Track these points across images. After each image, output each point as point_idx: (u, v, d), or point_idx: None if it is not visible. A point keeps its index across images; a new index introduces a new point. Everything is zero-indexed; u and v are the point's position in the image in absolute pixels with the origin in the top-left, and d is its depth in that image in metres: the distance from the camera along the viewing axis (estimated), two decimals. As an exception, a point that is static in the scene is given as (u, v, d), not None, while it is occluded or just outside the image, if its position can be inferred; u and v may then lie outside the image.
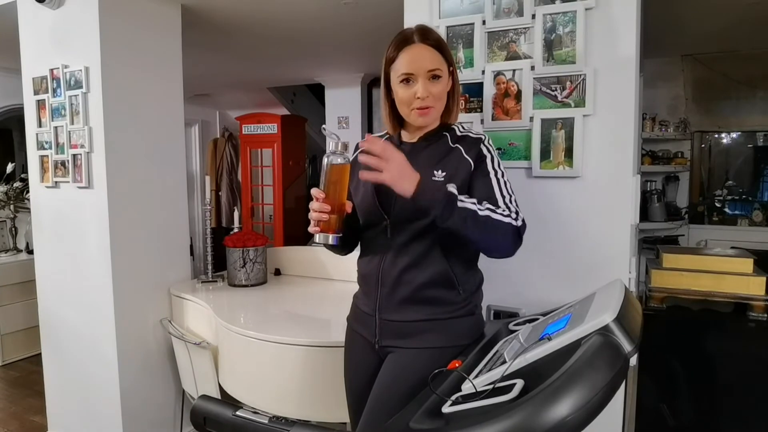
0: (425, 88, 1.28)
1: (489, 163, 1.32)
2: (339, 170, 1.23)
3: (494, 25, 1.72)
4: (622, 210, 1.61)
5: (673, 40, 3.58)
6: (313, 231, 1.25)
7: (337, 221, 1.25)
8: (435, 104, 1.31)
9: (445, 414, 0.98)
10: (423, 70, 1.28)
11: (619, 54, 1.58)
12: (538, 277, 1.72)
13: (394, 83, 1.33)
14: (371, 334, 1.39)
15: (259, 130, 5.62)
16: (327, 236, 1.24)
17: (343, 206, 1.25)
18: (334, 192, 1.23)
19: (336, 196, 1.23)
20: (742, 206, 4.05)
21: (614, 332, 0.93)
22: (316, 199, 1.24)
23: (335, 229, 1.25)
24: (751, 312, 1.96)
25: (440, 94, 1.32)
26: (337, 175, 1.23)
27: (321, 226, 1.24)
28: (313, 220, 1.25)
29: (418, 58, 1.29)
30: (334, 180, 1.23)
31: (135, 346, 2.49)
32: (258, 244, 2.72)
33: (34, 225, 2.72)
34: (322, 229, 1.24)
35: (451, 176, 1.30)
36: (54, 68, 2.47)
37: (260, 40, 3.52)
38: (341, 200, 1.25)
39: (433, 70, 1.29)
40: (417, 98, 1.29)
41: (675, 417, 2.03)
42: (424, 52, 1.29)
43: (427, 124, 1.36)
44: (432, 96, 1.30)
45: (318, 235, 1.25)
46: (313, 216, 1.24)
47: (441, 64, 1.30)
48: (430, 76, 1.29)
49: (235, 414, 0.98)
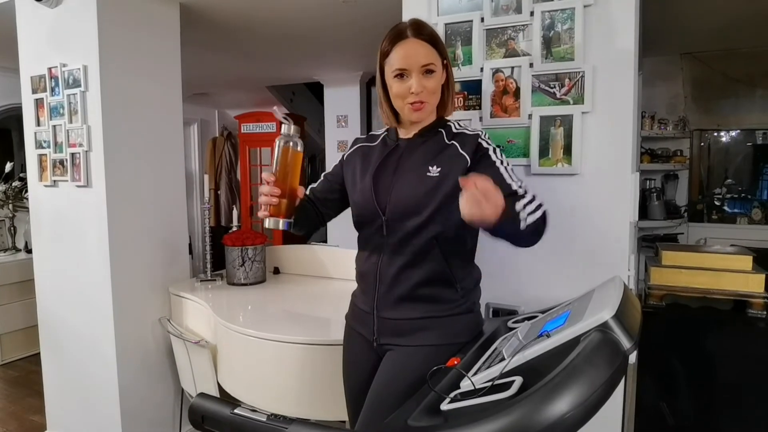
0: (419, 83, 1.29)
1: (492, 154, 1.31)
2: (293, 156, 1.22)
3: (493, 22, 1.72)
4: (621, 207, 1.60)
5: (671, 38, 3.58)
6: (262, 215, 1.24)
7: (288, 206, 1.23)
8: (429, 99, 1.32)
9: (444, 411, 0.98)
10: (417, 65, 1.28)
11: (618, 51, 1.57)
12: (537, 274, 1.72)
13: (388, 77, 1.33)
14: (369, 332, 1.39)
15: (258, 129, 5.61)
16: (277, 221, 1.22)
17: (295, 191, 1.24)
18: (285, 176, 1.22)
19: (288, 180, 1.22)
20: (742, 204, 4.05)
21: (613, 329, 0.93)
22: (266, 183, 1.23)
23: (285, 214, 1.23)
24: (751, 309, 1.96)
25: (434, 88, 1.32)
26: (291, 159, 1.22)
27: (271, 211, 1.23)
28: (262, 204, 1.24)
29: (411, 53, 1.29)
30: (287, 164, 1.22)
31: (134, 345, 2.49)
32: (257, 242, 2.72)
33: (32, 224, 2.72)
34: (272, 214, 1.23)
35: (445, 172, 1.29)
36: (52, 67, 2.46)
37: (259, 39, 3.51)
38: (293, 185, 1.23)
39: (426, 65, 1.29)
40: (411, 93, 1.29)
41: (674, 415, 2.03)
42: (417, 47, 1.29)
43: (421, 119, 1.36)
44: (426, 91, 1.30)
45: (267, 220, 1.23)
46: (262, 200, 1.23)
47: (435, 58, 1.30)
48: (423, 71, 1.29)
49: (233, 412, 0.98)
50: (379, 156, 1.41)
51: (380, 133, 1.50)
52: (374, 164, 1.39)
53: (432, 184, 1.29)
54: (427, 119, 1.38)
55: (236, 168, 6.38)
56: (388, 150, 1.41)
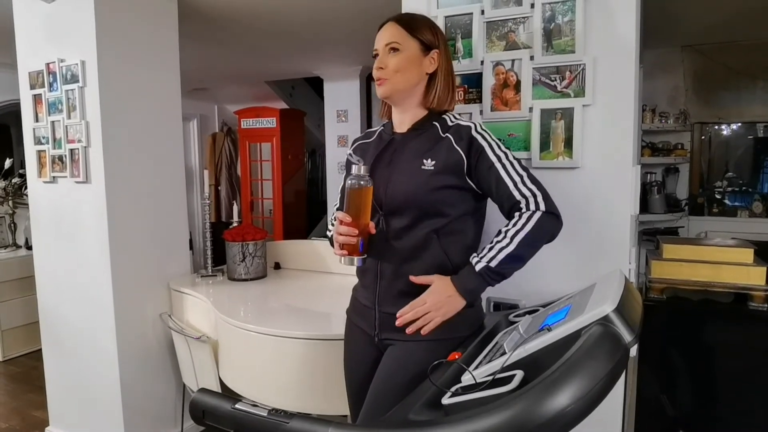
0: (381, 60, 1.34)
1: (489, 151, 1.29)
2: (364, 193, 1.25)
3: (493, 15, 1.71)
4: (622, 200, 1.60)
5: (672, 30, 3.56)
6: (339, 254, 1.28)
7: (363, 243, 1.26)
8: (390, 77, 1.33)
9: (445, 405, 0.97)
10: (383, 44, 1.34)
11: (619, 43, 1.56)
12: (538, 268, 1.70)
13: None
14: (371, 327, 1.39)
15: (257, 125, 5.61)
16: (352, 259, 1.27)
17: (367, 227, 1.26)
18: (358, 214, 1.24)
19: (361, 218, 1.25)
20: (742, 198, 4.04)
21: (614, 322, 0.93)
22: (340, 223, 1.25)
23: (360, 252, 1.26)
24: (752, 302, 1.95)
25: (397, 66, 1.32)
26: (362, 198, 1.24)
27: (347, 249, 1.26)
28: (338, 242, 1.26)
29: (382, 36, 1.35)
30: (359, 203, 1.25)
31: (135, 341, 2.49)
32: (257, 238, 2.72)
33: (32, 220, 2.71)
34: (349, 252, 1.26)
35: (440, 165, 1.29)
36: (50, 62, 2.45)
37: (258, 33, 3.50)
38: (366, 222, 1.26)
39: (390, 43, 1.33)
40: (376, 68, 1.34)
41: (675, 407, 2.03)
42: (389, 28, 1.35)
43: (382, 96, 1.38)
44: (388, 68, 1.33)
45: (343, 258, 1.28)
46: (339, 239, 1.26)
47: (402, 38, 1.33)
48: (388, 50, 1.33)
49: (233, 407, 0.97)
50: (374, 151, 1.42)
51: (377, 129, 1.51)
52: (370, 159, 1.39)
53: (427, 176, 1.29)
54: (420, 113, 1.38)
55: (236, 163, 6.37)
56: (383, 144, 1.41)
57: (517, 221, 1.24)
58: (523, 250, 1.23)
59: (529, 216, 1.24)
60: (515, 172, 1.28)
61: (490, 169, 1.28)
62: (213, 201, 6.34)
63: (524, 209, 1.25)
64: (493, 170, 1.28)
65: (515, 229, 1.23)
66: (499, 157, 1.29)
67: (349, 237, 1.24)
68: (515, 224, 1.24)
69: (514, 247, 1.22)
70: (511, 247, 1.22)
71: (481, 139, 1.31)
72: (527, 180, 1.27)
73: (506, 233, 1.24)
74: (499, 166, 1.28)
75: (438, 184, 1.28)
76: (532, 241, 1.24)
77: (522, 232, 1.23)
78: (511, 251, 1.22)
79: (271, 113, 5.51)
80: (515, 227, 1.23)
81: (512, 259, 1.22)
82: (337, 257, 1.31)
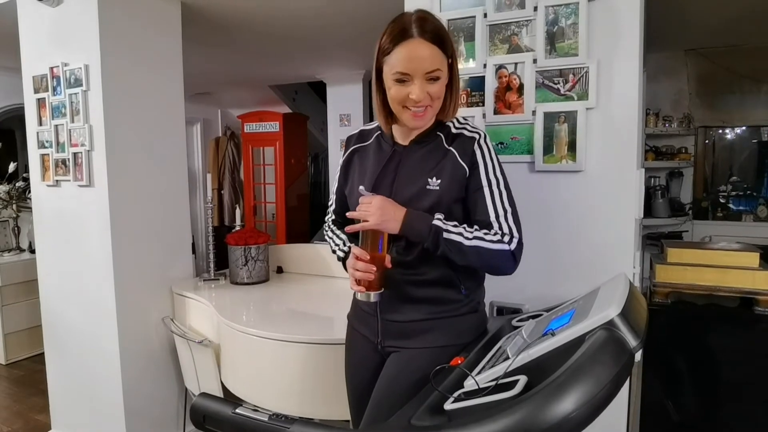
0: (422, 90, 1.19)
1: (482, 173, 1.25)
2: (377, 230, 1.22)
3: (496, 18, 1.70)
4: (626, 204, 1.59)
5: (676, 34, 3.55)
6: (356, 289, 1.25)
7: (380, 278, 1.24)
8: (432, 104, 1.23)
9: (448, 411, 0.97)
10: (420, 71, 1.18)
11: (622, 46, 1.56)
12: (542, 272, 1.70)
13: (387, 78, 1.23)
14: (373, 334, 1.37)
15: (260, 129, 5.61)
16: (369, 295, 1.24)
17: (383, 262, 1.24)
18: (375, 250, 1.22)
19: (379, 254, 1.23)
20: (747, 202, 4.02)
21: (619, 327, 0.92)
22: (357, 259, 1.22)
23: (377, 287, 1.24)
24: (757, 306, 1.94)
25: (438, 93, 1.23)
26: (379, 234, 1.22)
27: (364, 284, 1.23)
28: (356, 278, 1.24)
29: (415, 57, 1.17)
30: (376, 240, 1.22)
31: (137, 345, 2.49)
32: (260, 242, 2.72)
33: (35, 224, 2.72)
34: (367, 288, 1.23)
35: (445, 184, 1.25)
36: (54, 66, 2.46)
37: (260, 38, 3.50)
38: (383, 256, 1.23)
39: (431, 72, 1.19)
40: (410, 99, 1.20)
41: (680, 413, 2.01)
42: (422, 50, 1.18)
43: (420, 127, 1.29)
44: (429, 97, 1.21)
45: (361, 294, 1.25)
46: (356, 275, 1.23)
47: (441, 62, 1.20)
48: (428, 78, 1.19)
49: (234, 412, 0.97)
50: (375, 163, 1.35)
51: (372, 128, 1.42)
52: (372, 174, 1.33)
53: (433, 198, 1.25)
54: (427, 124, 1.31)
55: (239, 167, 6.38)
56: (385, 157, 1.34)
57: (489, 234, 1.21)
58: (472, 255, 1.20)
59: (500, 241, 1.21)
60: (501, 205, 1.24)
61: (477, 191, 1.25)
62: (216, 205, 6.34)
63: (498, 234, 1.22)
64: (480, 193, 1.25)
65: (483, 237, 1.21)
66: (490, 183, 1.25)
67: (367, 273, 1.21)
68: (486, 234, 1.21)
69: (468, 246, 1.20)
70: (467, 243, 1.20)
71: (480, 157, 1.26)
72: (510, 217, 1.24)
73: (474, 231, 1.21)
74: (487, 192, 1.25)
75: (443, 205, 1.25)
76: (482, 258, 1.21)
77: (485, 244, 1.20)
78: (464, 245, 1.19)
79: (274, 117, 5.52)
80: (484, 237, 1.21)
81: (458, 251, 1.20)
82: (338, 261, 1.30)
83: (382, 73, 1.26)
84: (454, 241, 1.19)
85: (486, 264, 1.24)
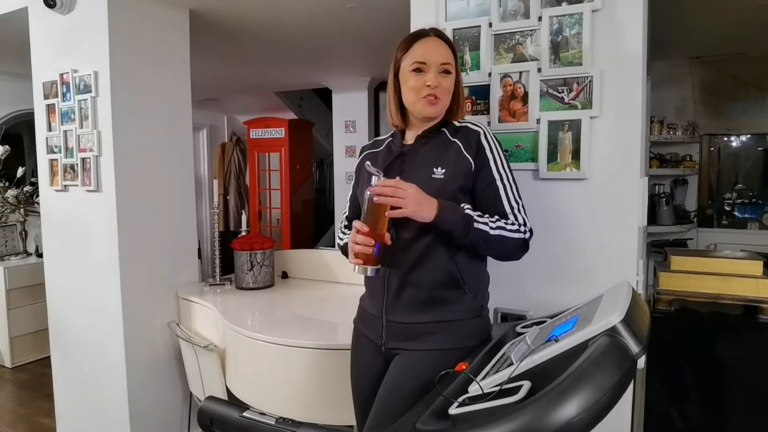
0: (436, 78, 1.32)
1: (493, 167, 1.33)
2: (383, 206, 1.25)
3: (501, 28, 1.72)
4: (630, 212, 1.60)
5: (680, 42, 3.57)
6: (354, 263, 1.28)
7: (378, 255, 1.26)
8: (443, 96, 1.34)
9: (452, 415, 0.97)
10: (436, 62, 1.32)
11: (626, 55, 1.57)
12: (546, 279, 1.71)
13: (405, 72, 1.35)
14: (377, 336, 1.39)
15: (266, 135, 5.64)
16: (366, 268, 1.27)
17: (383, 237, 1.26)
18: (375, 225, 1.25)
19: (378, 229, 1.26)
20: (752, 210, 4.01)
21: (621, 333, 0.93)
22: (357, 232, 1.26)
23: (374, 262, 1.27)
24: (761, 315, 1.94)
25: (449, 88, 1.35)
26: (380, 209, 1.25)
27: (362, 258, 1.26)
28: (354, 251, 1.27)
29: (432, 49, 1.33)
30: (377, 214, 1.25)
31: (143, 349, 2.51)
32: (265, 247, 2.73)
33: (43, 228, 2.74)
34: (364, 262, 1.26)
35: (450, 173, 1.31)
36: (64, 73, 2.49)
37: (267, 45, 3.54)
38: (382, 232, 1.26)
39: (444, 64, 1.33)
40: (426, 86, 1.32)
41: (684, 421, 2.01)
42: (438, 45, 1.34)
43: (433, 115, 1.37)
44: (441, 87, 1.33)
45: (357, 267, 1.28)
46: (355, 248, 1.26)
47: (452, 60, 1.35)
48: (441, 69, 1.33)
49: (241, 415, 0.98)
50: (384, 160, 1.43)
51: (385, 138, 1.52)
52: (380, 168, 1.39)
53: (438, 185, 1.30)
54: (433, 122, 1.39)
55: (245, 173, 6.41)
56: (393, 155, 1.42)
57: (509, 224, 1.30)
58: (496, 243, 1.28)
59: (517, 231, 1.30)
60: (513, 198, 1.33)
61: (490, 185, 1.33)
62: (221, 210, 6.37)
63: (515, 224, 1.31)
64: (493, 187, 1.32)
65: (504, 227, 1.29)
66: (501, 177, 1.33)
67: (365, 246, 1.24)
68: (506, 224, 1.30)
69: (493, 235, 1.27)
70: (492, 232, 1.27)
71: (488, 151, 1.34)
72: (522, 209, 1.34)
73: (495, 221, 1.29)
74: (500, 185, 1.33)
75: (448, 193, 1.29)
76: (504, 246, 1.30)
77: (507, 234, 1.29)
78: (489, 234, 1.27)
79: (280, 123, 5.55)
80: (505, 227, 1.29)
81: (484, 239, 1.27)
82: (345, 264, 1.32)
83: (398, 75, 1.38)
84: (482, 230, 1.26)
85: (504, 252, 1.32)
